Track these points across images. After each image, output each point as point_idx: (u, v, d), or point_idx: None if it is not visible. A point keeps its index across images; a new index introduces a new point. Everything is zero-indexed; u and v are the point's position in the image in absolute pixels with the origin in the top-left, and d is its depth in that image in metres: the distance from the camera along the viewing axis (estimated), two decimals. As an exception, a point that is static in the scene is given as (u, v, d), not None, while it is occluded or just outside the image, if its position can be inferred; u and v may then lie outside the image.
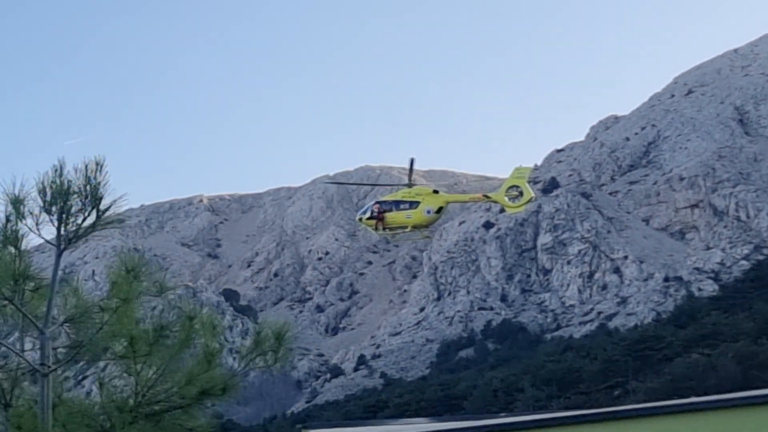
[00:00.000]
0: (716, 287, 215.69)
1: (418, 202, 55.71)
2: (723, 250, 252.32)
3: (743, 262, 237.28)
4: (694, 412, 18.73)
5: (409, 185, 58.77)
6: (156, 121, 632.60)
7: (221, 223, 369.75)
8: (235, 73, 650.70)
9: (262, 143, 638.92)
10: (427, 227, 58.07)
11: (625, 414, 19.35)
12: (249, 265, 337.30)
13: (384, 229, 56.47)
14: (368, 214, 57.24)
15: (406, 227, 56.16)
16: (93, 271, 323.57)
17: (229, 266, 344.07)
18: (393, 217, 55.89)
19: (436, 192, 58.20)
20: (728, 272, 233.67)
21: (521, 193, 54.33)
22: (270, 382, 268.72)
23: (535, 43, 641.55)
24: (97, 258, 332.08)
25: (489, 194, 59.01)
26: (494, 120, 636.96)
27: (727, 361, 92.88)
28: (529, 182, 53.80)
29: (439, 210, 56.44)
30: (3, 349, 13.87)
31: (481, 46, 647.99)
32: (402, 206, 55.96)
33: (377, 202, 57.97)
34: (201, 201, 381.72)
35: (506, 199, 54.89)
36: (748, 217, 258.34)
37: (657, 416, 19.00)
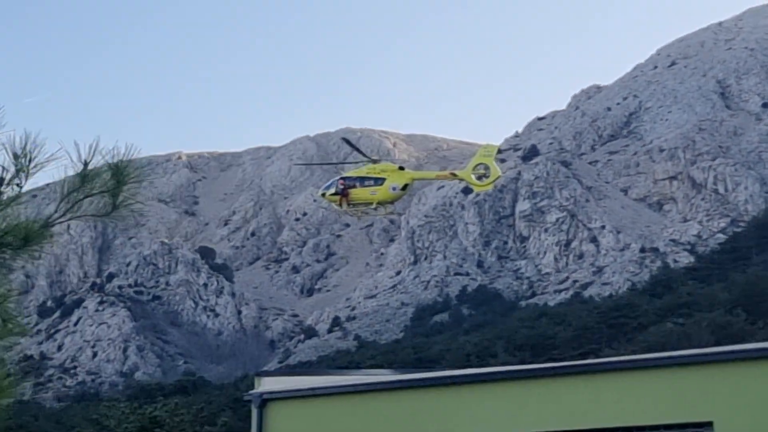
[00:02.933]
0: (692, 259, 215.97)
1: (383, 179, 55.03)
2: (700, 222, 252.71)
3: (720, 235, 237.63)
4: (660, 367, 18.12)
5: (374, 161, 58.10)
6: (136, 75, 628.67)
7: (199, 180, 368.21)
8: (219, 30, 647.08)
9: (242, 102, 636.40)
10: (392, 204, 57.51)
11: (593, 368, 18.68)
12: (226, 224, 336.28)
13: (348, 205, 55.89)
14: (332, 190, 56.61)
15: (371, 204, 55.56)
16: (68, 225, 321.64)
17: (206, 224, 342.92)
18: (357, 193, 55.23)
19: (401, 168, 57.42)
20: (705, 245, 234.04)
21: (488, 171, 53.91)
22: (243, 341, 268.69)
23: (521, 10, 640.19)
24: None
25: (456, 172, 58.35)
26: (477, 86, 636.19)
27: (701, 330, 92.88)
28: (498, 158, 53.19)
29: (405, 187, 55.83)
30: None
31: (465, 10, 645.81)
32: (367, 182, 55.27)
33: (341, 178, 57.20)
34: (180, 158, 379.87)
35: (473, 177, 54.38)
36: (726, 190, 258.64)
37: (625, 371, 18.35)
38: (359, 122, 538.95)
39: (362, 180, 55.54)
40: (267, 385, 20.08)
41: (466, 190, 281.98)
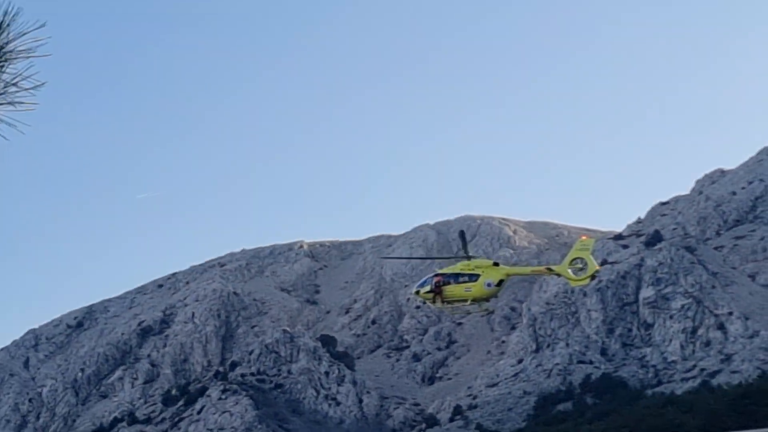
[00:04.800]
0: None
1: (478, 275, 54.16)
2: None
3: None
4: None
5: (468, 257, 57.12)
6: (258, 165, 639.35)
7: (320, 269, 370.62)
8: (339, 119, 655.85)
9: (364, 190, 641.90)
10: (487, 300, 56.43)
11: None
12: (347, 312, 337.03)
13: (443, 302, 54.97)
14: (427, 287, 55.78)
15: (466, 300, 54.62)
16: (192, 314, 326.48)
17: (327, 312, 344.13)
18: (452, 290, 54.32)
19: (496, 264, 56.55)
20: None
21: (585, 265, 52.93)
22: (365, 430, 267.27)
23: (643, 92, 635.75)
24: (197, 300, 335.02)
25: (552, 267, 57.43)
26: (598, 171, 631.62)
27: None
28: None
29: (500, 283, 54.90)
30: None
31: (585, 92, 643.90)
32: (461, 279, 54.37)
33: (436, 275, 56.29)
34: (301, 247, 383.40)
35: (569, 271, 53.41)
36: None
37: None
38: (480, 210, 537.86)
39: (456, 276, 54.45)
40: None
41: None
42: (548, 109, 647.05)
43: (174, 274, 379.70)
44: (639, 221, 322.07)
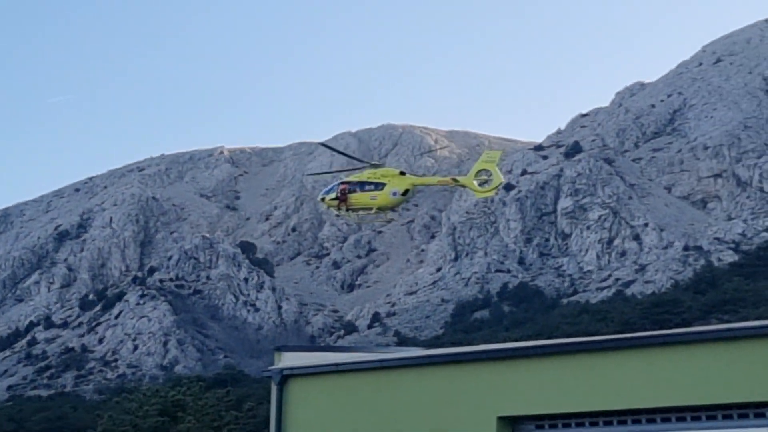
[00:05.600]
0: (736, 258, 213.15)
1: (384, 184, 53.86)
2: (745, 221, 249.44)
3: (765, 233, 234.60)
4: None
5: (374, 165, 56.87)
6: (177, 70, 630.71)
7: (241, 175, 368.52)
8: (263, 23, 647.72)
9: (285, 97, 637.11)
10: (392, 209, 56.32)
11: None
12: (267, 219, 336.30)
13: (347, 210, 54.77)
14: (332, 195, 55.46)
15: (371, 209, 54.41)
16: (110, 219, 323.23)
17: (247, 219, 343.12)
18: (357, 198, 54.07)
19: (402, 174, 56.25)
20: (749, 243, 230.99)
21: (491, 177, 52.92)
22: (283, 336, 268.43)
23: (565, 5, 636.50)
24: (115, 205, 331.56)
25: (457, 178, 57.23)
26: (519, 82, 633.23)
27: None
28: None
29: (406, 192, 54.69)
30: None
31: (506, 6, 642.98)
32: (367, 187, 54.08)
33: (342, 182, 55.98)
34: (222, 153, 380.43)
35: (475, 183, 53.38)
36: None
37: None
38: (401, 118, 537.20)
39: (362, 185, 54.21)
40: (288, 360, 19.12)
41: (508, 187, 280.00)
42: (471, 16, 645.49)
43: (91, 178, 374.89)
44: (559, 132, 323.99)
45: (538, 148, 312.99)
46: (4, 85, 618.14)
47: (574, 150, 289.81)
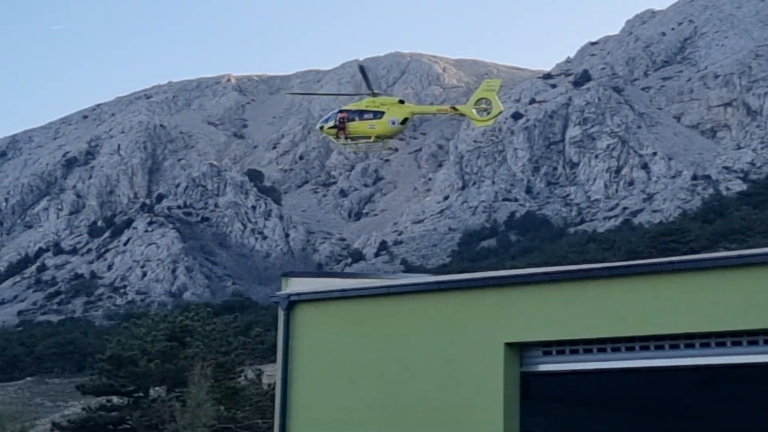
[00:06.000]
0: (745, 187, 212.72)
1: (382, 112, 53.78)
2: (754, 150, 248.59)
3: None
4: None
5: (373, 94, 56.63)
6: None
7: (248, 103, 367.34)
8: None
9: (292, 24, 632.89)
10: (390, 138, 56.32)
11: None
12: (274, 147, 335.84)
13: (346, 138, 54.69)
14: (331, 123, 55.31)
15: (369, 137, 54.37)
16: (118, 146, 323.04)
17: (255, 147, 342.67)
18: (355, 126, 53.98)
19: (401, 102, 56.16)
20: (758, 172, 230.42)
21: (490, 106, 52.73)
22: (291, 264, 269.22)
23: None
24: (122, 132, 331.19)
25: (457, 106, 57.18)
26: (528, 10, 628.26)
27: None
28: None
29: (404, 121, 54.64)
30: None
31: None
32: (366, 116, 54.00)
33: (341, 110, 55.82)
34: (229, 80, 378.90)
35: (474, 111, 53.29)
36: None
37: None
38: (409, 47, 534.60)
39: (361, 113, 54.10)
40: (295, 286, 19.07)
41: (516, 116, 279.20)
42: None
43: (99, 105, 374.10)
44: (568, 60, 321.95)
45: (547, 76, 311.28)
46: (8, 14, 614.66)
47: (583, 78, 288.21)
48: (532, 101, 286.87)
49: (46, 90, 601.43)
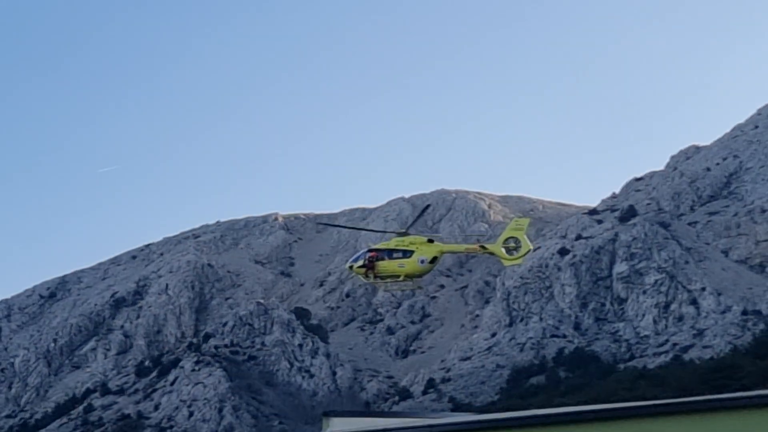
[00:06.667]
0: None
1: (412, 251, 53.95)
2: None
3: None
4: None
5: (404, 233, 56.82)
6: (232, 139, 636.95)
7: (295, 241, 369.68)
8: (314, 92, 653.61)
9: (338, 163, 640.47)
10: (420, 277, 56.26)
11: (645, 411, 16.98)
12: (321, 285, 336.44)
13: (375, 277, 54.77)
14: (360, 262, 55.47)
15: (399, 276, 54.42)
16: (166, 285, 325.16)
17: (302, 285, 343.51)
18: (385, 265, 54.09)
19: (431, 241, 56.17)
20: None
21: (519, 245, 52.72)
22: (338, 402, 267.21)
23: (619, 70, 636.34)
24: (171, 272, 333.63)
25: (486, 245, 57.11)
26: (573, 147, 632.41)
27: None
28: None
29: (434, 260, 54.69)
30: None
31: (562, 72, 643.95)
32: (395, 255, 54.17)
33: (370, 250, 56.03)
34: (276, 219, 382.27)
35: (503, 250, 53.25)
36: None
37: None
38: (455, 183, 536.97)
39: (390, 252, 54.15)
40: (337, 426, 18.98)
41: (563, 251, 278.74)
42: (526, 84, 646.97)
43: (148, 246, 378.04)
44: (614, 196, 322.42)
45: (593, 212, 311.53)
46: (56, 158, 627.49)
47: (629, 214, 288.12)
48: (579, 237, 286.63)
49: (95, 231, 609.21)
